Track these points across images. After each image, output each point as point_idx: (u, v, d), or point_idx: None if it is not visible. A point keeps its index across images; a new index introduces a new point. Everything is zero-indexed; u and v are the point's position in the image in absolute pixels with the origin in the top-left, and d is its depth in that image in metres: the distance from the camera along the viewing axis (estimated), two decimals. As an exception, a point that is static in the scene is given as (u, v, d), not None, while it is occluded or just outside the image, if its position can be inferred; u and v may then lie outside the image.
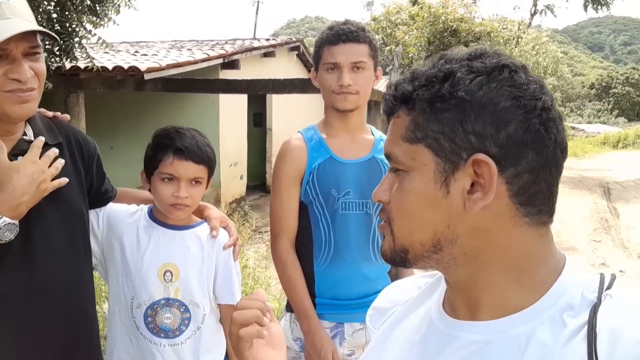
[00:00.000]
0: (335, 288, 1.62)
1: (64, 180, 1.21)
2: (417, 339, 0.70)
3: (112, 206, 1.51)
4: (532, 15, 15.40)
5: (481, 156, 0.59)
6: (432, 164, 0.62)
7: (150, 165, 1.46)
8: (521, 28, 12.85)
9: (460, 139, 0.60)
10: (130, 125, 8.05)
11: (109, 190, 1.49)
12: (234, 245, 1.54)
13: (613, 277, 0.61)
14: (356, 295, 1.62)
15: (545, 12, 15.62)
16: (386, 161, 1.76)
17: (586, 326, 0.56)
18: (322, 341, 1.56)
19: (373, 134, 1.70)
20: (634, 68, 50.19)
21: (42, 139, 1.19)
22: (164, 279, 1.46)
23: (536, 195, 0.61)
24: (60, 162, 1.20)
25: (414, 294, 0.77)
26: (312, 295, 1.62)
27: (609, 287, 0.59)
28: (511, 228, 0.61)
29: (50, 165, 1.17)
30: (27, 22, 1.10)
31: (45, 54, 3.84)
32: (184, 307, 1.47)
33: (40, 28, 1.11)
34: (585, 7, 15.88)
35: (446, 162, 0.61)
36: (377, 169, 1.63)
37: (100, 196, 1.46)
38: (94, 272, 1.46)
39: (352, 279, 1.61)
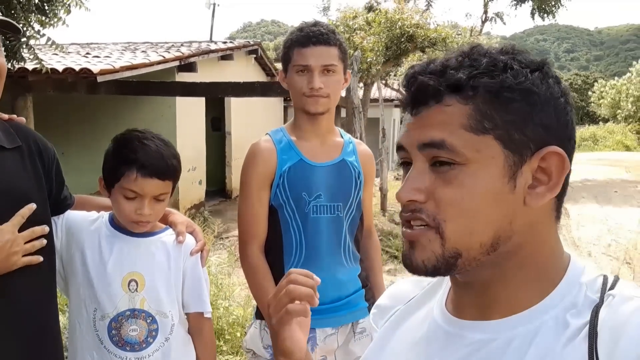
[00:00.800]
0: (306, 293, 1.59)
1: (36, 259, 1.17)
2: (419, 338, 0.69)
3: (71, 214, 1.42)
4: (483, 22, 15.94)
5: (556, 149, 0.59)
6: (501, 157, 0.59)
7: (111, 177, 1.36)
8: (473, 35, 13.26)
9: (530, 131, 0.59)
10: (82, 129, 7.75)
11: (67, 197, 1.40)
12: (202, 251, 1.48)
13: (616, 278, 0.61)
14: (328, 299, 1.60)
15: (495, 20, 16.21)
16: (356, 164, 1.74)
17: (587, 326, 0.56)
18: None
19: (342, 137, 1.69)
20: (577, 74, 52.73)
21: (32, 207, 1.15)
22: (129, 289, 1.39)
23: (566, 190, 0.63)
24: (42, 242, 1.17)
25: (417, 293, 0.76)
26: (283, 301, 1.58)
27: (611, 288, 0.59)
28: (550, 224, 0.62)
29: (29, 242, 1.14)
30: None
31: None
32: (150, 318, 1.40)
33: (3, 17, 1.05)
34: (533, 15, 16.57)
35: (515, 154, 0.59)
36: (347, 172, 1.62)
37: (60, 203, 1.37)
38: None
39: (323, 283, 1.56)
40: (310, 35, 1.52)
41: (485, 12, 15.87)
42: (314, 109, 1.54)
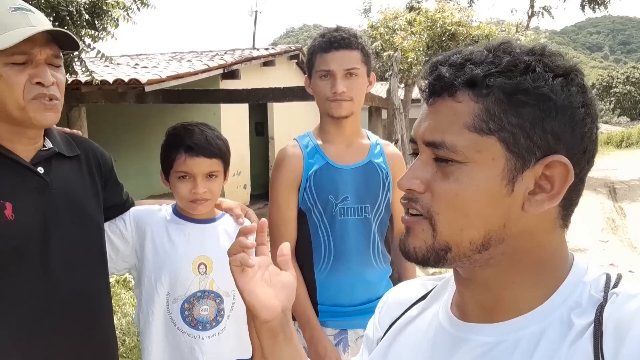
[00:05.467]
0: (337, 295, 1.60)
1: None
2: (425, 342, 0.69)
3: (136, 208, 1.53)
4: (530, 17, 15.41)
5: (562, 158, 0.57)
6: (502, 159, 0.58)
7: (166, 165, 1.49)
8: (519, 30, 12.85)
9: (538, 137, 0.57)
10: (132, 137, 8.08)
11: (128, 197, 1.53)
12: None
13: (619, 277, 0.60)
14: (358, 301, 1.61)
15: (543, 14, 15.64)
16: (384, 165, 1.74)
17: (592, 325, 0.56)
18: (326, 349, 1.55)
19: (369, 139, 1.70)
20: (634, 67, 50.04)
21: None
22: (199, 272, 1.48)
23: (575, 200, 0.62)
24: None
25: (422, 297, 0.76)
26: (314, 303, 1.60)
27: (615, 286, 0.59)
28: (551, 231, 0.61)
29: None
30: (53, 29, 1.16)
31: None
32: (219, 299, 1.49)
33: (67, 31, 1.16)
34: (583, 7, 15.88)
35: (518, 159, 0.58)
36: (374, 173, 1.62)
37: (124, 204, 1.50)
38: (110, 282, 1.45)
39: (353, 285, 1.60)
40: (332, 41, 1.54)
41: (532, 6, 15.35)
42: (338, 113, 1.56)
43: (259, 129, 10.89)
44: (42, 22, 1.15)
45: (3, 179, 1.15)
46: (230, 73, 8.16)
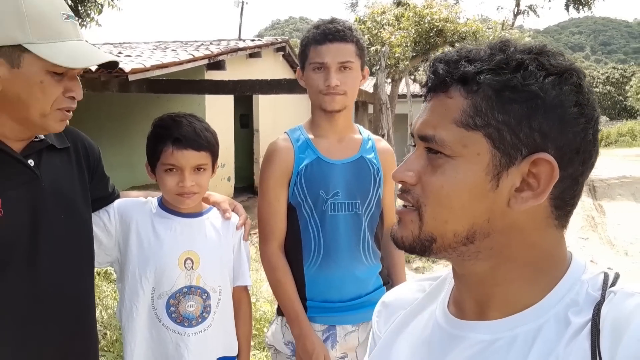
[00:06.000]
0: (326, 291, 1.59)
1: None
2: (423, 341, 0.69)
3: (121, 200, 1.49)
4: (515, 15, 15.57)
5: (547, 157, 0.58)
6: (487, 155, 0.59)
7: (152, 157, 1.45)
8: (505, 28, 12.95)
9: (524, 135, 0.58)
10: (115, 127, 7.94)
11: (114, 189, 1.49)
12: (244, 225, 1.57)
13: (617, 275, 0.61)
14: (348, 297, 1.59)
15: (528, 13, 15.83)
16: (375, 160, 1.73)
17: (590, 323, 0.56)
18: (314, 345, 1.54)
19: (361, 134, 1.68)
20: (614, 67, 50.91)
21: None
22: (185, 267, 1.45)
23: (569, 201, 0.62)
24: None
25: (419, 296, 0.76)
26: (303, 298, 1.59)
27: (612, 285, 0.59)
28: (543, 229, 0.61)
29: None
30: (96, 47, 1.17)
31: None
32: (205, 294, 1.46)
33: (117, 59, 1.20)
34: (567, 7, 16.09)
35: (503, 155, 0.59)
36: (365, 169, 1.61)
37: (109, 196, 1.46)
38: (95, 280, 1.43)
39: (343, 281, 1.58)
40: (327, 33, 1.51)
41: (518, 4, 15.50)
42: (331, 107, 1.54)
43: (244, 121, 10.81)
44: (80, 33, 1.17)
45: None
46: (216, 64, 8.07)
